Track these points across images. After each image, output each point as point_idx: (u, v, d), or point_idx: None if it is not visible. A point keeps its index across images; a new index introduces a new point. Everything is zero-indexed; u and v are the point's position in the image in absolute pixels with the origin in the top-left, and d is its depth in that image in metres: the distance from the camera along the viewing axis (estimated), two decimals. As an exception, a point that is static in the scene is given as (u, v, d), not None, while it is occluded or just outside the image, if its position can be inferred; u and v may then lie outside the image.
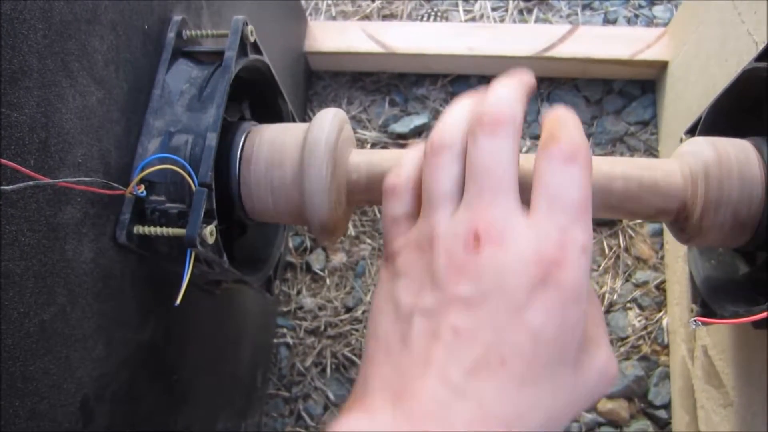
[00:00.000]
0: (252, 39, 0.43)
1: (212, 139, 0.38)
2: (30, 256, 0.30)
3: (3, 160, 0.26)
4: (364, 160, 0.41)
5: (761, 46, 0.41)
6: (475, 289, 0.25)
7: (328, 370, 0.72)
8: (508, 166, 0.26)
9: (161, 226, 0.37)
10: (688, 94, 0.66)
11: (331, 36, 0.80)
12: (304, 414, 0.72)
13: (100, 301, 0.36)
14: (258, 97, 0.49)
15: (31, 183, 0.27)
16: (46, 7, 0.30)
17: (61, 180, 0.31)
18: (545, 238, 0.25)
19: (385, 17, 0.88)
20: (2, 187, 0.25)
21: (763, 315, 0.35)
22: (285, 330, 0.75)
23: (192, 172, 0.37)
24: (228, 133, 0.41)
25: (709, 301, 0.44)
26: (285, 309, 0.75)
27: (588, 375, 0.27)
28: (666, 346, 0.69)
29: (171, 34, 0.42)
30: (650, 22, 0.83)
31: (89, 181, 0.33)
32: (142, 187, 0.37)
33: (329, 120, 0.40)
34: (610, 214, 0.39)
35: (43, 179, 0.29)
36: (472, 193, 0.27)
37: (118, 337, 0.38)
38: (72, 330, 0.33)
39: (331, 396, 0.72)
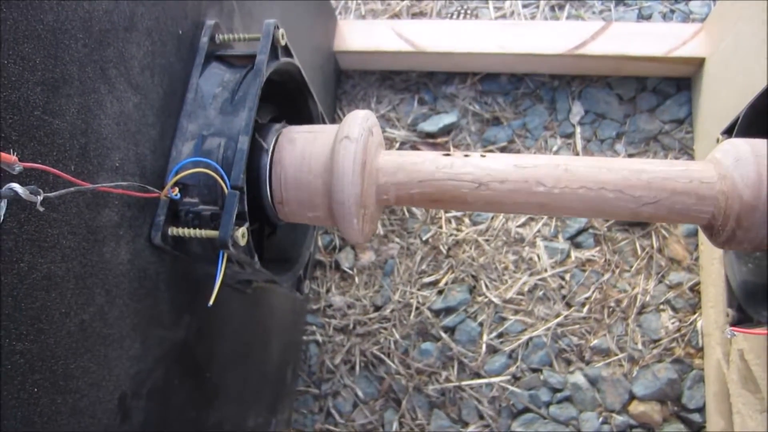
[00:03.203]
0: (283, 42, 0.43)
1: (244, 142, 0.38)
2: (71, 259, 0.31)
3: (46, 167, 0.27)
4: (393, 161, 0.41)
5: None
6: None
7: (357, 368, 0.73)
8: None
9: (195, 227, 0.38)
10: (726, 92, 0.65)
11: (360, 35, 0.80)
12: (333, 411, 0.72)
13: (136, 301, 0.37)
14: (288, 98, 0.49)
15: (72, 189, 0.28)
16: (86, 17, 0.31)
17: (100, 185, 0.32)
18: None
19: (414, 15, 0.87)
20: (46, 194, 0.25)
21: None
22: (314, 328, 0.75)
23: (224, 175, 0.38)
24: (259, 136, 0.42)
25: (746, 306, 0.43)
26: (314, 307, 0.76)
27: None
28: (700, 349, 0.67)
29: (204, 39, 0.43)
30: (686, 18, 0.80)
31: (126, 185, 0.34)
32: (177, 189, 0.38)
33: (358, 123, 0.40)
34: (641, 218, 0.38)
35: (84, 184, 0.29)
36: None
37: (153, 336, 0.39)
38: (110, 329, 0.34)
39: (360, 393, 0.72)
